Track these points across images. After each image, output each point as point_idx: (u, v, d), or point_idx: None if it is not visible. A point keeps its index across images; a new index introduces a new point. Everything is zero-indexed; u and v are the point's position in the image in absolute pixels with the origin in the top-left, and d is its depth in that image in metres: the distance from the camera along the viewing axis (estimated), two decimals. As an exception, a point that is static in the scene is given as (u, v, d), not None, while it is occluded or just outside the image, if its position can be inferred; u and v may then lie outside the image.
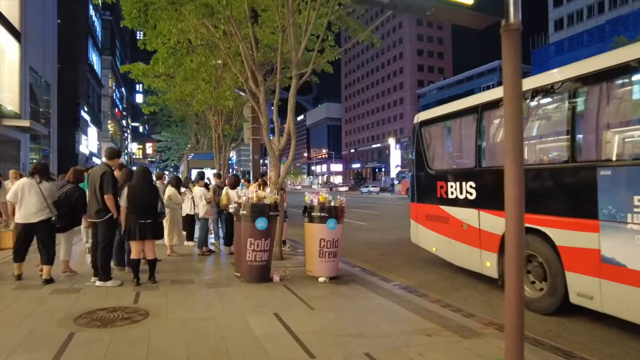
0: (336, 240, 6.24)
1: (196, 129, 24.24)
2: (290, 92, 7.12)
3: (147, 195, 5.63)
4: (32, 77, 19.74)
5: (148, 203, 5.63)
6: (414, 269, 7.79)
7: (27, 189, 5.54)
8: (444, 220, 6.89)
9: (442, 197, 6.90)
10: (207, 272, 6.63)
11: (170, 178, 8.18)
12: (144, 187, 5.65)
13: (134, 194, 5.55)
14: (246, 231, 5.74)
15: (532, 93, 5.35)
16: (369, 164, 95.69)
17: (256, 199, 5.78)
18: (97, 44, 37.77)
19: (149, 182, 5.79)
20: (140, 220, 5.55)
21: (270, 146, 7.53)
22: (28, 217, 5.49)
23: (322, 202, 6.20)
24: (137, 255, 5.68)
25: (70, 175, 6.18)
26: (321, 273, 6.14)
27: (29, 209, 5.49)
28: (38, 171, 5.73)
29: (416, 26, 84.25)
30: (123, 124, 62.19)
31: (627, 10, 47.24)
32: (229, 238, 8.26)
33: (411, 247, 10.16)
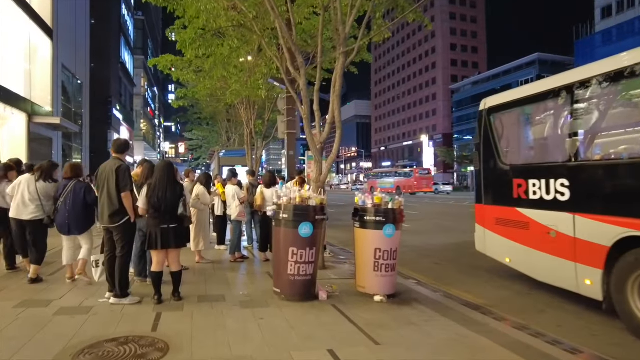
0: (394, 250, 5.16)
1: (227, 127, 23.62)
2: (336, 73, 6.08)
3: (171, 195, 4.70)
4: (64, 75, 19.58)
5: (172, 205, 4.70)
6: (479, 282, 6.63)
7: (23, 184, 5.51)
8: (522, 226, 5.66)
9: (520, 198, 5.66)
10: (241, 285, 5.68)
11: (199, 175, 7.29)
12: (168, 185, 4.72)
13: (155, 194, 4.65)
14: (287, 239, 4.75)
15: None
16: (400, 162, 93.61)
17: (299, 199, 4.77)
18: (129, 43, 37.99)
19: (172, 179, 4.85)
20: (163, 225, 4.66)
21: (311, 138, 6.52)
22: (19, 213, 5.47)
23: (378, 204, 5.13)
24: (158, 267, 4.78)
25: (67, 171, 5.39)
26: (377, 290, 5.08)
27: (20, 204, 5.46)
28: (40, 169, 5.60)
29: (449, 20, 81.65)
30: (155, 123, 62.96)
31: (684, -6, 43.58)
32: (263, 243, 7.32)
33: (467, 254, 8.97)
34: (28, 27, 15.75)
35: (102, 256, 4.74)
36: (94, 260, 4.73)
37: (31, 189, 5.49)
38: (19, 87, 14.88)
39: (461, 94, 78.21)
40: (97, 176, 4.71)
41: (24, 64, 15.78)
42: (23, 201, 5.45)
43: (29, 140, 15.19)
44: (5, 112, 13.74)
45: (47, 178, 5.60)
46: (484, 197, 6.52)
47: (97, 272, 4.74)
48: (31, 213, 5.45)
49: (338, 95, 6.17)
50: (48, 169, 5.64)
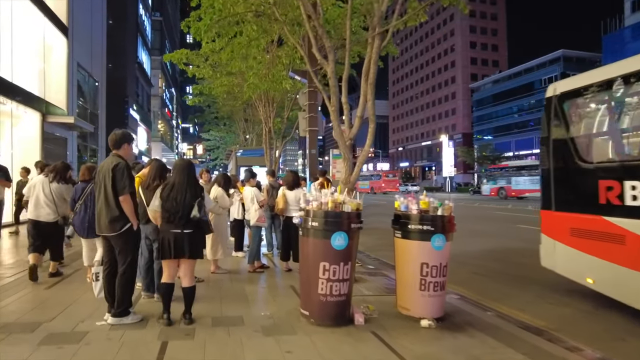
0: (444, 265, 4.33)
1: (244, 126, 23.03)
2: (370, 58, 5.28)
3: (191, 198, 4.00)
4: (79, 74, 19.23)
5: (190, 208, 4.00)
6: (531, 298, 5.77)
7: (38, 186, 5.59)
8: (613, 239, 4.60)
9: (610, 204, 4.60)
10: (262, 302, 4.92)
11: (216, 176, 6.56)
12: (188, 187, 4.03)
13: (172, 197, 3.96)
14: (317, 252, 3.97)
15: None
16: (418, 162, 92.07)
17: (331, 204, 3.99)
18: (146, 44, 37.84)
19: (194, 180, 4.16)
20: (176, 229, 3.95)
21: (340, 134, 5.74)
22: (37, 214, 5.56)
23: (425, 210, 4.31)
24: (169, 278, 4.08)
25: (84, 174, 5.23)
26: (423, 312, 4.26)
27: (36, 205, 5.56)
28: (54, 171, 5.67)
29: (468, 18, 79.91)
30: (173, 124, 63.04)
31: None
32: (285, 251, 6.56)
33: (508, 262, 8.07)
34: (43, 25, 15.39)
35: (103, 268, 4.05)
36: (94, 272, 4.04)
37: (46, 191, 5.58)
38: (33, 86, 14.50)
39: (481, 92, 76.45)
40: (94, 176, 4.02)
41: (38, 63, 15.42)
42: (39, 203, 5.55)
43: (42, 140, 14.78)
44: (18, 110, 13.34)
45: (60, 179, 5.68)
46: (554, 203, 5.52)
47: (97, 287, 4.05)
48: (47, 214, 5.56)
49: (372, 83, 5.39)
50: (62, 170, 5.70)
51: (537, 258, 8.53)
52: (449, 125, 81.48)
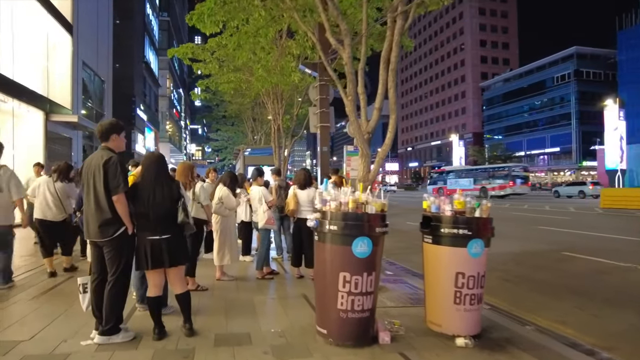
0: (482, 275, 3.75)
1: (252, 125, 22.55)
2: (390, 42, 4.71)
3: (162, 197, 3.49)
4: (85, 73, 18.90)
5: (165, 210, 3.50)
6: (570, 309, 5.17)
7: (43, 186, 5.80)
8: None
9: None
10: (272, 315, 4.37)
11: (222, 174, 6.04)
12: (157, 183, 3.52)
13: (141, 196, 3.46)
14: (336, 260, 3.41)
15: None
16: (428, 162, 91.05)
17: (352, 205, 3.43)
18: (153, 43, 37.58)
19: (163, 176, 3.62)
20: (152, 236, 3.44)
21: (357, 127, 5.18)
22: (44, 214, 5.74)
23: (460, 211, 3.73)
24: (154, 290, 3.55)
25: None
26: (458, 329, 3.68)
27: (43, 205, 5.74)
28: (57, 171, 5.90)
29: (478, 16, 78.91)
30: (181, 125, 62.86)
31: None
32: (297, 256, 6.01)
33: (537, 267, 7.46)
34: (47, 22, 15.05)
35: (90, 279, 3.53)
36: (81, 283, 3.50)
37: (52, 190, 5.79)
38: (37, 85, 14.15)
39: (492, 91, 75.34)
40: (81, 173, 3.49)
41: (41, 61, 15.08)
42: (47, 203, 5.73)
43: (46, 140, 14.43)
44: (20, 109, 12.97)
45: (64, 178, 5.91)
46: None
47: (84, 300, 3.51)
48: (55, 214, 5.77)
49: (393, 70, 4.82)
50: (65, 169, 5.93)
51: (566, 262, 7.93)
52: (459, 125, 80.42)
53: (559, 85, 61.24)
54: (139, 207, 3.44)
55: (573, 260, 7.96)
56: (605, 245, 9.66)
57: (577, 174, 58.43)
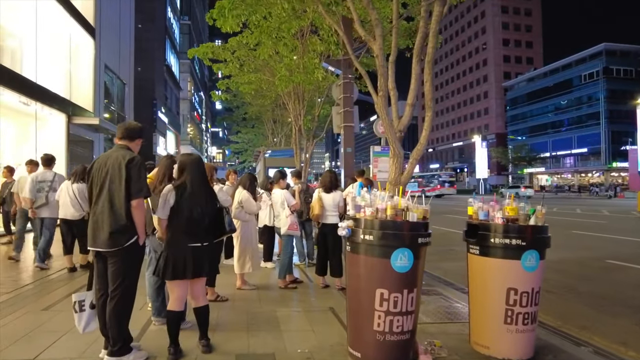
0: (537, 291, 3.29)
1: (272, 127, 22.31)
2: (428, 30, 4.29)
3: (206, 202, 3.27)
4: (107, 76, 19.00)
5: (208, 215, 3.26)
6: (629, 326, 4.66)
7: (64, 190, 6.29)
8: None
9: None
10: (297, 332, 3.98)
11: (242, 177, 5.71)
12: (202, 188, 3.28)
13: (184, 201, 3.17)
14: (373, 274, 3.01)
15: None
16: (449, 164, 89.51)
17: (391, 212, 3.03)
18: (175, 47, 37.89)
19: (204, 179, 3.38)
20: (193, 243, 3.14)
21: (389, 124, 4.77)
22: (65, 213, 6.27)
23: (513, 219, 3.28)
24: (179, 304, 3.22)
25: None
26: (510, 352, 3.23)
27: (64, 206, 6.25)
28: (75, 174, 6.34)
29: (500, 14, 77.22)
30: (202, 128, 63.38)
31: None
32: (322, 265, 5.62)
33: (580, 278, 6.89)
34: (69, 25, 15.11)
35: (89, 294, 3.19)
36: (77, 301, 3.14)
37: (70, 193, 6.23)
38: (59, 87, 14.19)
39: (515, 91, 73.55)
40: (91, 173, 3.16)
41: (64, 64, 15.15)
42: (66, 203, 6.23)
43: (68, 142, 14.45)
44: (42, 112, 13.00)
45: (80, 180, 6.24)
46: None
47: (81, 320, 3.13)
48: (74, 213, 6.24)
49: (430, 61, 4.40)
50: (81, 172, 6.25)
51: (613, 271, 7.31)
52: (482, 126, 78.76)
53: (586, 83, 59.25)
54: (186, 212, 3.19)
55: (621, 270, 7.35)
56: (652, 253, 8.97)
57: (607, 175, 56.35)
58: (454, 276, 6.61)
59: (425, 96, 4.59)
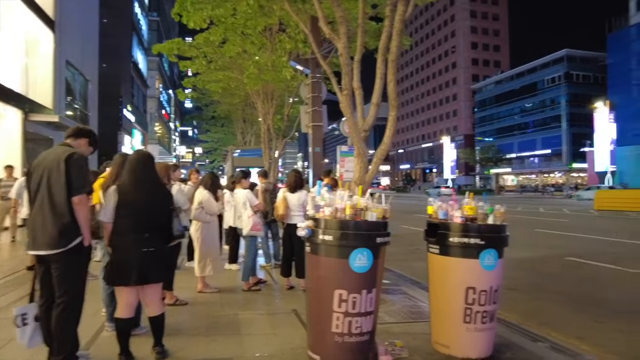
0: (495, 290, 3.32)
1: (242, 126, 22.02)
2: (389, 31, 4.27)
3: (148, 202, 3.05)
4: (69, 72, 18.23)
5: (155, 218, 3.05)
6: (586, 321, 4.80)
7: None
8: None
9: None
10: (259, 334, 3.87)
11: (203, 176, 5.55)
12: (144, 187, 3.07)
13: (125, 200, 2.98)
14: (331, 275, 2.95)
15: None
16: (419, 164, 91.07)
17: (350, 211, 2.98)
18: (142, 43, 36.84)
19: (152, 178, 3.17)
20: (137, 248, 2.96)
21: (353, 124, 4.74)
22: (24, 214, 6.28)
23: (471, 217, 3.30)
24: (127, 312, 3.05)
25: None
26: (469, 351, 3.25)
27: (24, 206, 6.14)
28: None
29: (469, 18, 79.20)
30: (171, 127, 61.92)
31: None
32: (287, 266, 5.54)
33: (544, 275, 7.07)
34: (26, 18, 14.40)
35: (31, 307, 2.97)
36: (19, 314, 2.89)
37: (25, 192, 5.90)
38: (14, 82, 13.49)
39: (483, 93, 75.54)
40: (29, 173, 2.96)
41: (20, 58, 14.42)
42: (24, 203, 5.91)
43: (25, 140, 13.76)
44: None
45: None
46: None
47: (24, 334, 2.87)
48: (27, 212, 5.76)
49: (394, 61, 4.39)
50: None
51: (573, 268, 7.55)
52: (451, 127, 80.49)
53: (549, 87, 61.54)
54: (125, 211, 2.97)
55: (580, 267, 7.60)
56: (608, 249, 9.33)
57: (567, 176, 58.67)
58: (420, 275, 6.65)
59: (389, 96, 4.59)
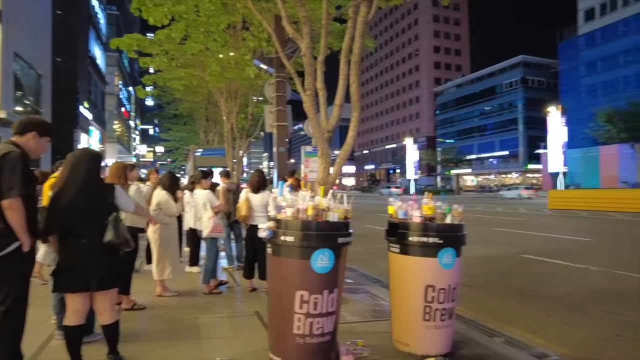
0: (454, 287, 3.41)
1: (205, 125, 21.58)
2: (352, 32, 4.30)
3: (93, 204, 2.86)
4: (17, 65, 17.24)
5: (97, 221, 2.84)
6: (538, 316, 5.00)
7: None
8: None
9: None
10: (219, 338, 3.79)
11: (161, 176, 5.38)
12: (86, 188, 2.86)
13: (58, 204, 2.80)
14: (293, 276, 2.92)
15: None
16: (383, 165, 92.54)
17: (312, 212, 2.96)
18: (100, 37, 35.41)
19: (95, 178, 2.96)
20: (79, 253, 2.79)
21: (316, 124, 4.73)
22: None
23: (430, 217, 3.36)
24: (75, 319, 2.87)
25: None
26: (428, 349, 3.31)
27: None
28: None
29: (432, 22, 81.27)
30: (131, 125, 59.83)
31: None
32: (249, 267, 5.46)
33: (497, 271, 7.35)
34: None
35: None
36: None
37: None
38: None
39: (445, 96, 77.70)
40: None
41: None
42: None
43: (-32, 138, 12.94)
44: None
45: None
46: None
47: None
48: None
49: (357, 62, 4.42)
50: None
51: (528, 265, 7.88)
52: (414, 129, 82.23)
53: (507, 91, 64.08)
54: (58, 216, 2.79)
55: (534, 263, 7.93)
56: (559, 247, 9.80)
57: (523, 176, 61.28)
58: (383, 274, 6.68)
59: (352, 97, 4.62)
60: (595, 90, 48.34)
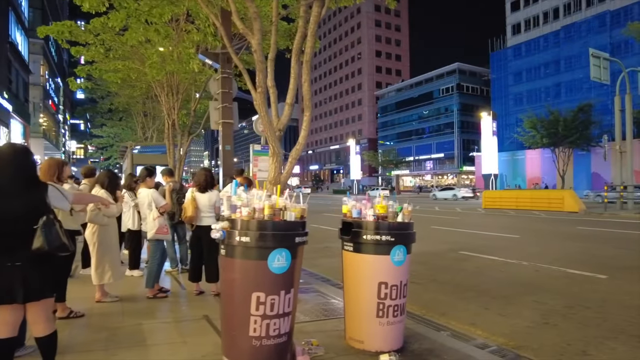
0: (405, 284, 3.51)
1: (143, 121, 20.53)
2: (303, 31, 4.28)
3: (21, 206, 2.56)
4: None
5: (24, 224, 2.53)
6: (478, 309, 5.29)
7: None
8: None
9: None
10: (166, 344, 3.61)
11: (99, 174, 5.02)
12: (11, 189, 2.55)
13: None
14: (249, 278, 2.85)
15: None
16: (327, 165, 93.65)
17: (269, 211, 2.91)
18: (22, 22, 32.44)
19: (22, 178, 2.64)
20: (5, 261, 2.49)
21: (268, 122, 4.66)
22: None
23: (382, 216, 3.43)
24: (5, 331, 2.55)
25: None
26: (382, 345, 3.38)
27: None
28: None
29: (374, 27, 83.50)
30: (59, 119, 55.47)
31: (581, 18, 48.19)
32: (196, 270, 5.26)
33: (439, 268, 7.68)
34: None
35: None
36: None
37: None
38: None
39: (386, 100, 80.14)
40: None
41: None
42: None
43: None
44: None
45: None
46: None
47: None
48: None
49: (308, 61, 4.41)
50: None
51: (465, 261, 8.33)
52: (356, 130, 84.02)
53: (444, 96, 67.37)
54: None
55: (470, 259, 8.39)
56: (492, 243, 10.45)
57: (459, 178, 64.79)
58: (331, 272, 6.82)
59: (304, 96, 4.61)
60: (522, 98, 52.28)
